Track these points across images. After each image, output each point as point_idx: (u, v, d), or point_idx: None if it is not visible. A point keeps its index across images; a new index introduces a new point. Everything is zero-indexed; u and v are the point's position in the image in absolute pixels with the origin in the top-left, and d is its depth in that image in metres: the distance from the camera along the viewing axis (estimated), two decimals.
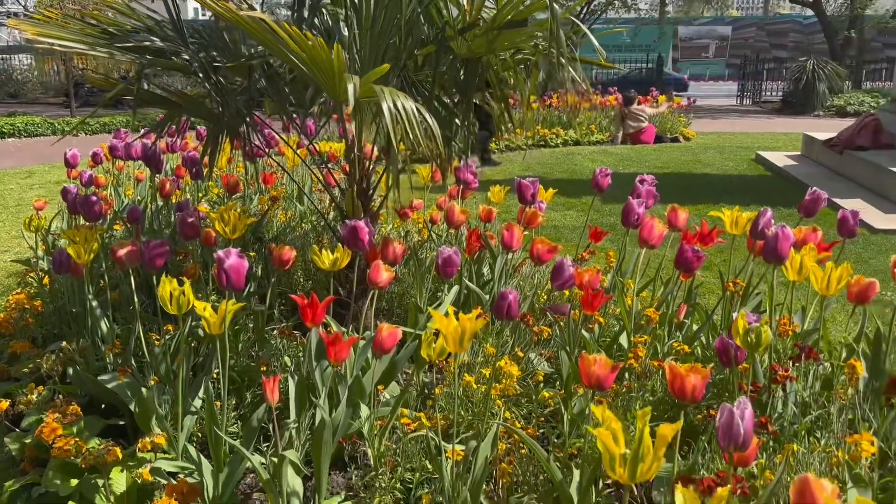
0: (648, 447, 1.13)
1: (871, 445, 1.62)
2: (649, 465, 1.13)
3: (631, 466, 1.13)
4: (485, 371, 2.18)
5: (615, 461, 1.14)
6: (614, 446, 1.14)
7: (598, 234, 3.18)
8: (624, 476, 1.15)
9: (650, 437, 1.14)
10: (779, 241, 1.98)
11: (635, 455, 1.12)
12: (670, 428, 1.15)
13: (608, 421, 1.15)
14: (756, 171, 7.73)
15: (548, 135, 10.03)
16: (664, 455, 1.99)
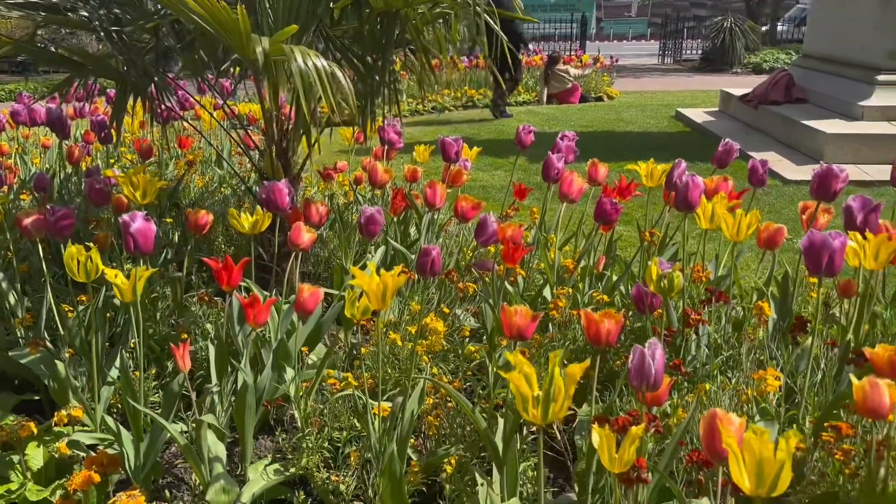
0: (559, 388, 1.16)
1: (775, 381, 1.70)
2: (560, 405, 1.17)
3: (543, 407, 1.16)
4: (411, 329, 2.19)
5: (528, 403, 1.17)
6: (527, 389, 1.17)
7: (522, 192, 3.21)
8: (537, 416, 1.18)
9: (561, 379, 1.17)
10: (689, 189, 2.04)
11: (547, 395, 1.15)
12: (578, 367, 1.18)
13: (520, 365, 1.18)
14: (676, 127, 7.93)
15: (475, 95, 10.01)
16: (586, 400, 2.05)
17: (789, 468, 1.02)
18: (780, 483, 1.03)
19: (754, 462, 1.03)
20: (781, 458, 1.01)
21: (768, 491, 1.04)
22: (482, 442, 1.90)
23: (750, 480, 1.04)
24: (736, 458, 1.04)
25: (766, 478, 1.03)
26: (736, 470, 1.04)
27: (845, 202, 2.06)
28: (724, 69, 14.84)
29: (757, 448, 1.02)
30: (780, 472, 1.02)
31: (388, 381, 2.21)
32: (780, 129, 6.58)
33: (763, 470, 1.03)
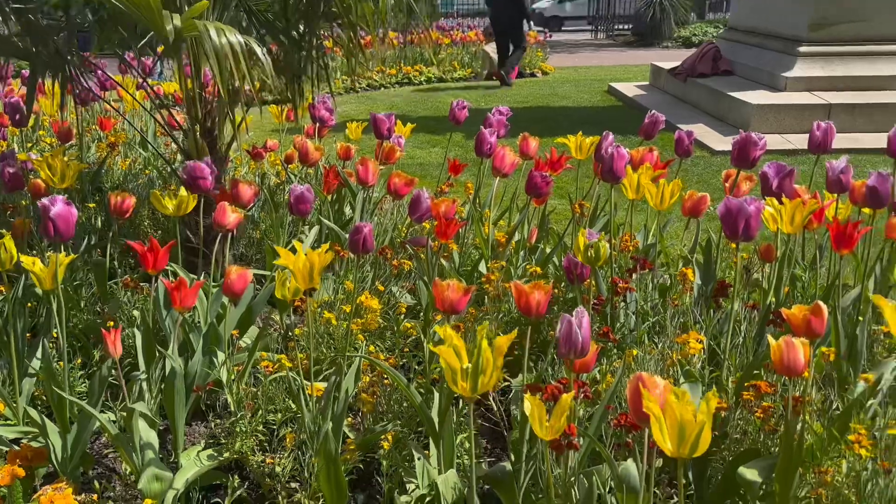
0: (487, 359, 1.17)
1: (698, 343, 1.76)
2: (489, 377, 1.18)
3: (472, 379, 1.17)
4: (345, 308, 2.17)
5: (457, 375, 1.18)
6: (456, 362, 1.17)
7: (456, 167, 3.21)
8: (467, 389, 1.18)
9: (489, 351, 1.18)
10: (614, 161, 2.07)
11: (475, 368, 1.16)
12: (505, 339, 1.19)
13: (449, 339, 1.18)
14: (609, 101, 8.05)
15: (411, 72, 9.93)
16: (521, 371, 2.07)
17: (709, 429, 1.06)
18: (700, 443, 1.06)
19: (675, 424, 1.06)
20: (702, 420, 1.05)
21: (690, 451, 1.07)
22: (419, 417, 1.91)
23: (671, 442, 1.07)
24: (657, 420, 1.07)
25: (687, 439, 1.06)
26: (658, 433, 1.07)
27: (761, 169, 2.13)
28: (654, 43, 15.09)
29: (677, 410, 1.05)
30: (700, 433, 1.05)
31: (323, 361, 2.19)
32: (708, 101, 6.75)
33: (684, 431, 1.06)
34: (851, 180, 2.27)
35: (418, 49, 10.54)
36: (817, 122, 2.52)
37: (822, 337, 1.71)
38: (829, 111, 5.78)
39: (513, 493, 1.66)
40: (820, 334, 1.62)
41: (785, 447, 1.42)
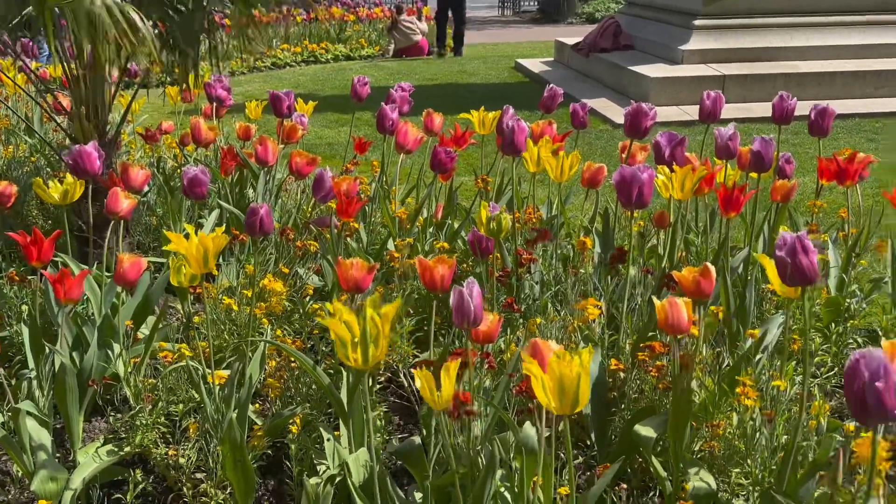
0: (376, 331, 1.17)
1: (595, 309, 1.81)
2: (380, 348, 1.18)
3: (362, 350, 1.16)
4: (247, 292, 2.12)
5: (348, 348, 1.17)
6: (345, 333, 1.16)
7: (362, 146, 3.18)
8: (358, 360, 1.18)
9: (377, 319, 1.18)
10: (514, 134, 2.09)
11: (364, 338, 1.15)
12: (392, 307, 1.19)
13: (340, 312, 1.17)
14: (516, 78, 8.13)
15: (317, 50, 9.73)
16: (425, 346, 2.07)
17: (587, 382, 1.09)
18: (580, 397, 1.10)
19: (556, 382, 1.09)
20: (577, 373, 1.08)
21: (572, 406, 1.11)
22: (328, 398, 1.89)
23: (554, 400, 1.10)
24: (538, 381, 1.10)
25: (567, 393, 1.10)
26: (541, 392, 1.10)
27: (654, 139, 2.20)
28: (559, 20, 15.31)
29: (558, 370, 1.08)
30: (578, 387, 1.09)
31: (226, 348, 2.14)
32: (610, 75, 6.91)
33: (564, 387, 1.09)
34: (739, 147, 2.38)
35: (323, 26, 10.33)
36: (707, 91, 2.62)
37: (711, 297, 1.79)
38: (723, 82, 6.03)
39: (423, 467, 1.67)
40: (709, 294, 1.70)
41: (675, 403, 1.49)
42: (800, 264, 1.29)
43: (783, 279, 1.34)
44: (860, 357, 1.09)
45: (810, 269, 1.30)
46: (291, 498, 1.85)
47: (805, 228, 2.46)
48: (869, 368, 1.09)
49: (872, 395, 1.08)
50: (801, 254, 1.29)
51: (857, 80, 6.14)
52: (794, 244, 1.29)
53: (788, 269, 1.31)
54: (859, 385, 1.09)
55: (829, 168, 2.43)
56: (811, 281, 1.31)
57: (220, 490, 1.77)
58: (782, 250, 1.31)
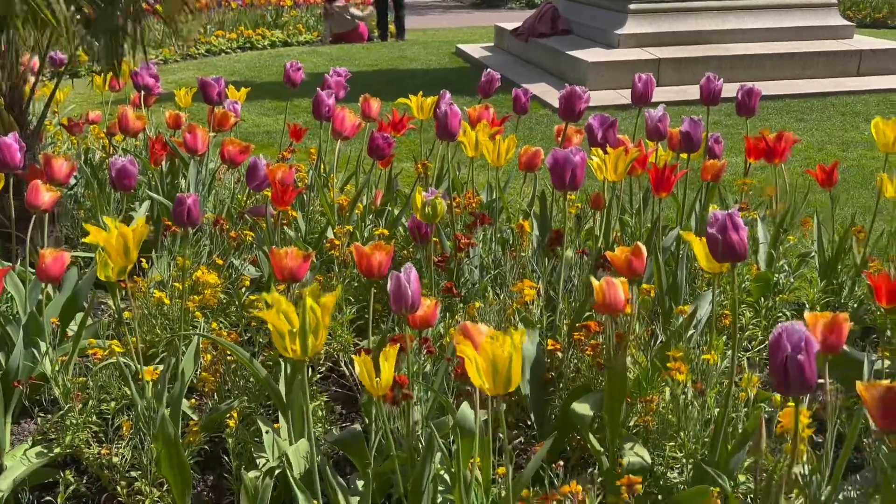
0: (314, 320, 1.15)
1: (531, 290, 1.82)
2: (320, 337, 1.16)
3: (301, 341, 1.15)
4: (177, 285, 2.07)
5: (285, 339, 1.15)
6: (282, 324, 1.15)
7: (298, 132, 3.13)
8: (297, 351, 1.16)
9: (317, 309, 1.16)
10: (448, 119, 2.09)
11: (303, 329, 1.14)
12: (331, 296, 1.18)
13: (277, 303, 1.15)
14: (456, 63, 8.12)
15: (253, 36, 9.51)
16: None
17: (519, 362, 1.10)
18: (513, 377, 1.11)
19: (489, 362, 1.10)
20: (509, 352, 1.08)
21: (505, 386, 1.11)
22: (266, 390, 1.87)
23: (487, 380, 1.11)
24: (471, 362, 1.10)
25: (500, 373, 1.10)
26: (474, 374, 1.11)
27: (586, 121, 2.22)
28: (499, 5, 15.33)
29: (490, 351, 1.09)
30: (510, 367, 1.09)
31: (159, 343, 2.08)
32: (549, 60, 6.96)
33: (497, 367, 1.10)
34: (669, 128, 2.43)
35: (259, 12, 10.11)
36: (638, 74, 2.66)
37: (643, 275, 1.83)
38: (658, 66, 6.13)
39: (364, 454, 1.66)
40: (641, 273, 1.73)
41: (610, 380, 1.51)
42: (730, 241, 1.32)
43: (714, 256, 1.37)
44: (782, 331, 1.13)
45: (740, 246, 1.33)
46: (232, 492, 1.82)
47: (735, 207, 2.53)
48: (791, 341, 1.12)
49: (794, 367, 1.12)
50: (731, 230, 1.32)
51: (786, 62, 6.33)
52: (725, 221, 1.33)
53: (720, 246, 1.34)
54: (782, 358, 1.12)
55: (758, 147, 2.50)
56: (741, 257, 1.34)
57: (155, 487, 1.72)
58: (713, 227, 1.34)
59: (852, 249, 2.46)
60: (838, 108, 5.65)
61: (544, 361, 1.84)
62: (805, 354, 1.10)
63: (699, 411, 1.58)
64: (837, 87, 6.07)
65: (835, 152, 4.66)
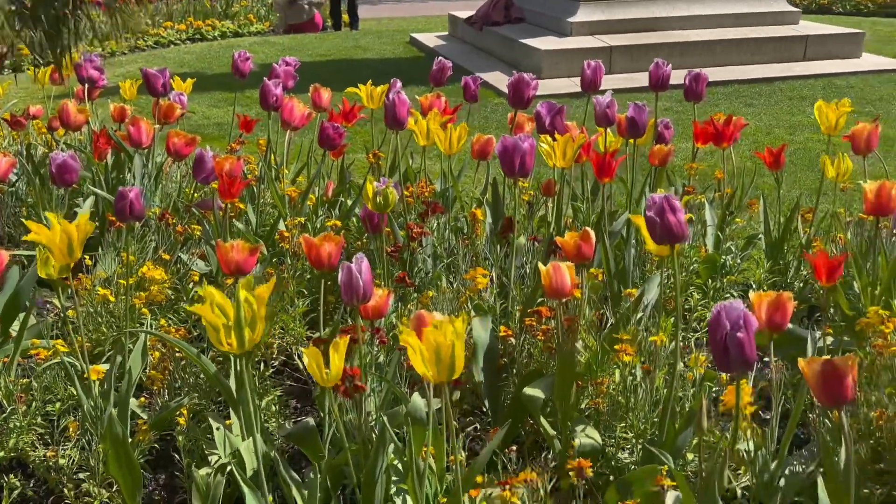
0: (250, 313, 1.13)
1: (483, 278, 1.83)
2: (257, 330, 1.14)
3: (237, 334, 1.13)
4: (122, 282, 2.02)
5: (221, 333, 1.13)
6: (216, 318, 1.13)
7: (247, 124, 3.07)
8: (234, 345, 1.14)
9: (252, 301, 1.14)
10: (396, 107, 2.07)
11: (238, 322, 1.12)
12: (266, 287, 1.16)
13: (211, 296, 1.13)
14: (411, 52, 8.08)
15: (203, 27, 9.32)
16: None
17: (462, 348, 1.10)
18: (456, 364, 1.11)
19: (433, 350, 1.09)
20: (451, 340, 1.08)
21: (448, 374, 1.12)
22: (216, 386, 1.84)
23: (431, 368, 1.10)
24: (414, 351, 1.10)
25: (443, 361, 1.10)
26: (418, 362, 1.10)
27: (535, 109, 2.23)
28: None
29: (433, 338, 1.09)
30: (453, 354, 1.09)
31: (106, 342, 2.04)
32: (503, 48, 6.97)
33: (440, 356, 1.09)
34: (617, 114, 2.45)
35: (209, 2, 9.90)
36: (587, 61, 2.68)
37: (592, 260, 1.84)
38: (610, 53, 6.19)
39: (318, 448, 1.65)
40: (589, 257, 1.74)
41: (560, 364, 1.53)
42: (668, 223, 1.34)
43: (654, 238, 1.39)
44: (721, 309, 1.15)
45: (678, 227, 1.35)
46: (184, 490, 1.79)
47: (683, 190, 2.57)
48: (730, 319, 1.14)
49: (734, 344, 1.14)
50: (668, 213, 1.34)
51: (735, 48, 6.44)
52: (662, 204, 1.34)
53: (658, 228, 1.36)
54: (721, 335, 1.14)
55: (706, 132, 2.54)
56: (679, 238, 1.36)
57: (104, 488, 1.69)
58: (651, 210, 1.36)
59: (798, 230, 2.52)
60: (786, 93, 5.78)
61: (498, 348, 1.85)
62: (744, 332, 1.12)
63: (647, 392, 1.60)
64: (785, 72, 6.21)
65: (782, 136, 4.77)
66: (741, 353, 1.13)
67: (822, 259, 1.77)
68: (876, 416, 1.43)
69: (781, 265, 2.42)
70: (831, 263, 1.76)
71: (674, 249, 1.39)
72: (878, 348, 1.54)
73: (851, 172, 2.37)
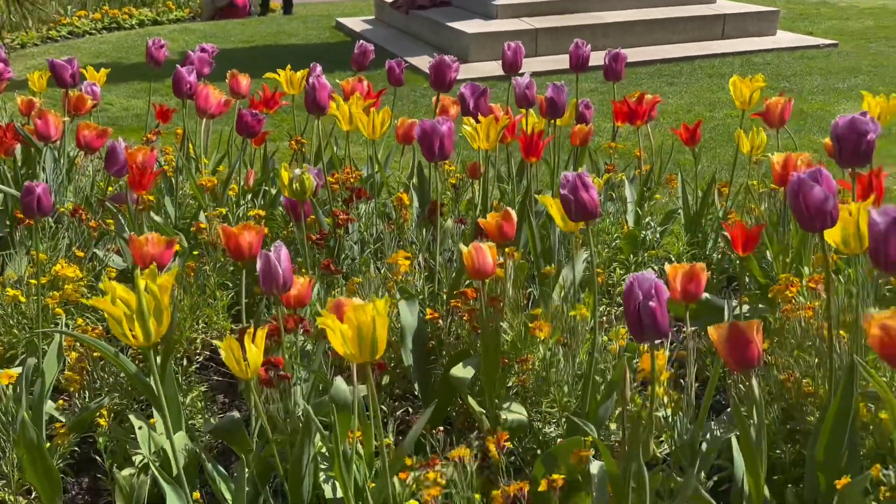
0: (152, 303, 1.10)
1: (405, 261, 1.82)
2: (163, 321, 1.12)
3: (141, 327, 1.09)
4: (33, 281, 1.93)
5: (123, 325, 1.10)
6: (118, 311, 1.09)
7: (164, 113, 2.98)
8: (140, 338, 1.11)
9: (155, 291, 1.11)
10: (316, 91, 2.04)
11: (140, 313, 1.08)
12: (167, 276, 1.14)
13: (112, 290, 1.09)
14: (337, 37, 7.96)
15: (119, 15, 8.95)
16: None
17: (384, 327, 1.10)
18: (378, 343, 1.10)
19: (354, 331, 1.09)
20: (372, 317, 1.08)
21: (371, 354, 1.11)
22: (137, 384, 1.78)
23: (353, 348, 1.10)
24: (334, 333, 1.09)
25: (365, 341, 1.10)
26: (338, 344, 1.10)
27: (459, 91, 2.23)
28: None
29: (354, 318, 1.08)
30: (374, 333, 1.09)
31: (18, 345, 1.95)
32: (430, 32, 6.94)
33: (362, 335, 1.09)
34: (537, 95, 2.47)
35: None
36: (507, 43, 2.69)
37: (516, 240, 1.86)
38: (535, 35, 6.24)
39: (245, 442, 1.62)
40: (511, 237, 1.76)
41: (484, 343, 1.54)
42: (581, 200, 1.36)
43: (569, 215, 1.41)
44: (634, 280, 1.17)
45: (591, 204, 1.37)
46: (109, 492, 1.74)
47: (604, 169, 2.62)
48: (642, 289, 1.17)
49: (647, 313, 1.17)
50: (581, 190, 1.36)
51: (657, 28, 6.57)
52: (576, 182, 1.36)
53: (573, 206, 1.38)
54: (634, 306, 1.17)
55: (622, 111, 2.59)
56: (593, 215, 1.39)
57: (21, 496, 1.63)
58: (565, 188, 1.37)
59: (715, 204, 2.60)
60: (706, 71, 5.94)
61: (426, 331, 1.85)
62: (656, 301, 1.15)
63: (568, 366, 1.63)
64: (704, 50, 6.38)
65: (703, 113, 4.91)
66: (654, 322, 1.15)
67: (738, 230, 1.83)
68: (784, 379, 1.49)
69: (700, 238, 2.49)
70: (747, 234, 1.83)
71: (588, 226, 1.42)
72: (785, 313, 1.60)
73: (766, 146, 2.45)
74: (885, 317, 1.15)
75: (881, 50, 6.38)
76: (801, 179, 1.25)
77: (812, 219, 1.25)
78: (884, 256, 1.23)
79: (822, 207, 1.24)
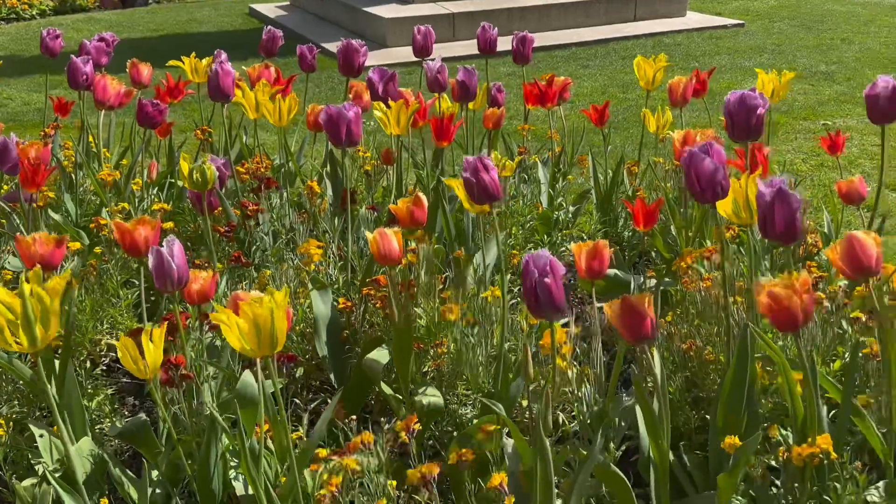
0: (38, 308, 1.05)
1: (317, 249, 1.80)
2: (51, 326, 1.06)
3: (26, 332, 1.04)
4: None
5: (5, 332, 1.04)
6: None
7: (63, 106, 2.84)
8: (24, 344, 1.06)
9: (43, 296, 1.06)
10: (220, 78, 1.98)
11: (25, 318, 1.03)
12: (60, 279, 1.08)
13: None
14: (252, 24, 7.76)
15: (17, 5, 8.47)
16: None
17: (283, 319, 1.08)
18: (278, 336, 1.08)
19: (251, 325, 1.07)
20: (269, 309, 1.06)
21: (271, 347, 1.09)
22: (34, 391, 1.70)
23: (250, 342, 1.08)
24: (228, 329, 1.06)
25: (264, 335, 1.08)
26: (234, 339, 1.07)
27: (367, 76, 2.20)
28: None
29: (251, 312, 1.05)
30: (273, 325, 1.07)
31: None
32: (347, 18, 6.85)
33: (260, 328, 1.07)
34: (449, 79, 2.46)
35: None
36: (417, 27, 2.67)
37: (428, 225, 1.85)
38: (453, 20, 6.23)
39: (153, 444, 1.57)
40: (422, 222, 1.75)
41: (396, 329, 1.53)
42: (483, 182, 1.37)
43: (472, 198, 1.41)
44: (529, 258, 1.18)
45: (493, 186, 1.38)
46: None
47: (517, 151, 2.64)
48: (538, 266, 1.18)
49: (543, 290, 1.18)
50: (482, 172, 1.36)
51: (571, 12, 6.66)
52: (476, 164, 1.36)
53: (475, 188, 1.38)
54: (531, 283, 1.18)
55: (533, 93, 2.61)
56: (495, 197, 1.39)
57: None
58: (467, 171, 1.37)
59: (625, 182, 2.66)
60: (619, 53, 6.07)
61: (340, 321, 1.83)
62: (551, 277, 1.16)
63: (482, 348, 1.64)
64: (617, 33, 6.51)
65: (616, 94, 5.02)
66: (550, 298, 1.17)
67: (639, 206, 1.88)
68: (686, 348, 1.54)
69: (611, 217, 2.55)
70: (647, 210, 1.88)
71: (492, 208, 1.42)
72: (685, 284, 1.65)
73: (671, 124, 2.52)
74: (773, 284, 1.19)
75: (784, 29, 6.65)
76: (692, 153, 1.28)
77: (703, 191, 1.29)
78: (771, 226, 1.28)
79: (712, 179, 1.28)
